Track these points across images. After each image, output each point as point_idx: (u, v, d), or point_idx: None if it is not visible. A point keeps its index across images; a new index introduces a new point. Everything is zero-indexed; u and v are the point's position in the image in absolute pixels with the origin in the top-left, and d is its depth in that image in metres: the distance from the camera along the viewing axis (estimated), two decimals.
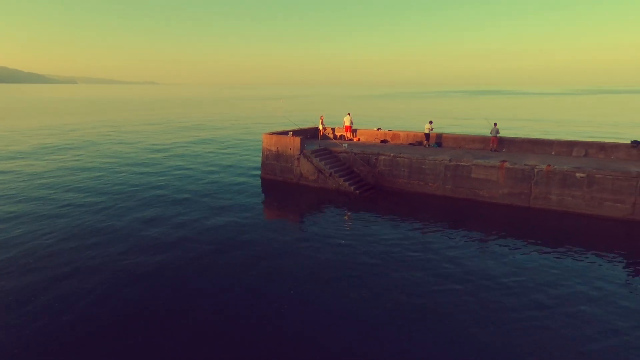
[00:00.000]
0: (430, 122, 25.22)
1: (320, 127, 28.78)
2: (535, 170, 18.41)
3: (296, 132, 25.61)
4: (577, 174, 17.57)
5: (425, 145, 24.65)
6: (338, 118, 54.83)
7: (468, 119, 67.63)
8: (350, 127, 27.92)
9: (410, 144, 25.52)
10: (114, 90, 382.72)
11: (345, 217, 18.06)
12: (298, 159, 22.75)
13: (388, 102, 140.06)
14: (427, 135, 24.83)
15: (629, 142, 19.98)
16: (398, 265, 12.80)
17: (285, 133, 24.71)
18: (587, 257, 13.43)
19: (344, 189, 21.42)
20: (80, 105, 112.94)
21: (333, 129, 28.76)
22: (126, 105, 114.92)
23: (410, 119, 67.27)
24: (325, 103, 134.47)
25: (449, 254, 13.67)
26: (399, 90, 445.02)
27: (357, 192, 21.13)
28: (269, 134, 24.04)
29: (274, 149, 23.72)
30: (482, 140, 23.58)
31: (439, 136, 25.08)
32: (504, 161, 19.16)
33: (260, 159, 25.40)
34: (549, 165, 18.17)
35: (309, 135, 27.66)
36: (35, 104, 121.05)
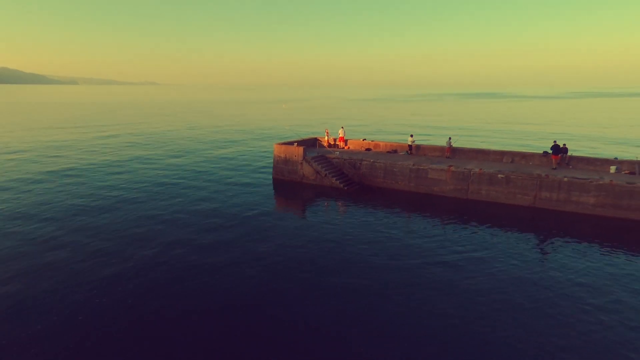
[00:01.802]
0: (412, 136, 32.63)
1: (326, 138, 36.09)
2: (472, 172, 25.73)
3: (299, 143, 32.95)
4: (499, 175, 24.91)
5: (409, 153, 31.78)
6: (337, 125, 62.21)
7: (442, 129, 74.98)
8: (343, 137, 35.29)
9: (388, 152, 32.86)
10: (116, 92, 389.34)
11: (336, 207, 25.30)
12: (301, 163, 30.07)
13: (381, 109, 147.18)
14: (410, 146, 32.11)
15: (541, 152, 27.29)
16: (370, 239, 20.05)
17: (291, 143, 32.03)
18: (502, 232, 20.59)
19: (335, 186, 28.76)
20: (90, 112, 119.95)
21: (335, 139, 36.05)
22: (137, 111, 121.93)
23: (398, 126, 74.72)
24: (325, 108, 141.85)
25: (409, 231, 20.87)
26: (396, 92, 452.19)
27: (345, 188, 28.46)
28: (279, 144, 31.33)
29: (282, 155, 31.03)
30: (440, 149, 30.95)
31: (410, 147, 32.36)
32: (450, 166, 26.49)
33: (269, 162, 32.62)
34: (481, 169, 25.50)
35: (309, 144, 35.00)
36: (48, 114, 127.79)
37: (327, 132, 36.82)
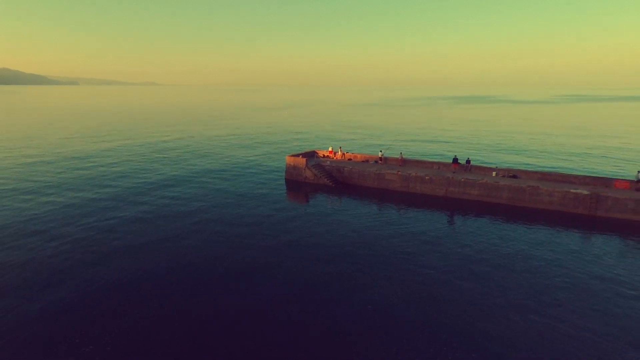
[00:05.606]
0: (381, 151, 48.28)
1: (331, 154, 51.31)
2: (411, 175, 41.35)
3: (303, 154, 48.57)
4: (426, 177, 40.55)
5: (377, 162, 47.38)
6: (333, 134, 77.63)
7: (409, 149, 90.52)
8: (332, 151, 51.00)
9: (362, 161, 48.51)
10: (117, 93, 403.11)
11: (328, 197, 40.72)
12: (304, 169, 45.61)
13: (373, 116, 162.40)
14: (380, 158, 47.70)
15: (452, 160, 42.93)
16: (347, 215, 35.55)
17: (297, 155, 47.62)
18: (426, 212, 36.09)
19: (327, 184, 44.31)
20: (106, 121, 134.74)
21: (334, 152, 51.64)
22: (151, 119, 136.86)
23: (380, 135, 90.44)
24: (323, 115, 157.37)
25: (372, 212, 36.35)
26: (393, 94, 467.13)
27: (334, 185, 44.01)
28: (289, 156, 46.82)
29: (292, 164, 46.59)
30: (396, 160, 46.66)
31: (380, 158, 47.95)
32: (398, 171, 42.09)
33: (282, 167, 48.05)
34: (416, 173, 41.13)
35: (309, 155, 50.69)
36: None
37: (331, 148, 52.52)
